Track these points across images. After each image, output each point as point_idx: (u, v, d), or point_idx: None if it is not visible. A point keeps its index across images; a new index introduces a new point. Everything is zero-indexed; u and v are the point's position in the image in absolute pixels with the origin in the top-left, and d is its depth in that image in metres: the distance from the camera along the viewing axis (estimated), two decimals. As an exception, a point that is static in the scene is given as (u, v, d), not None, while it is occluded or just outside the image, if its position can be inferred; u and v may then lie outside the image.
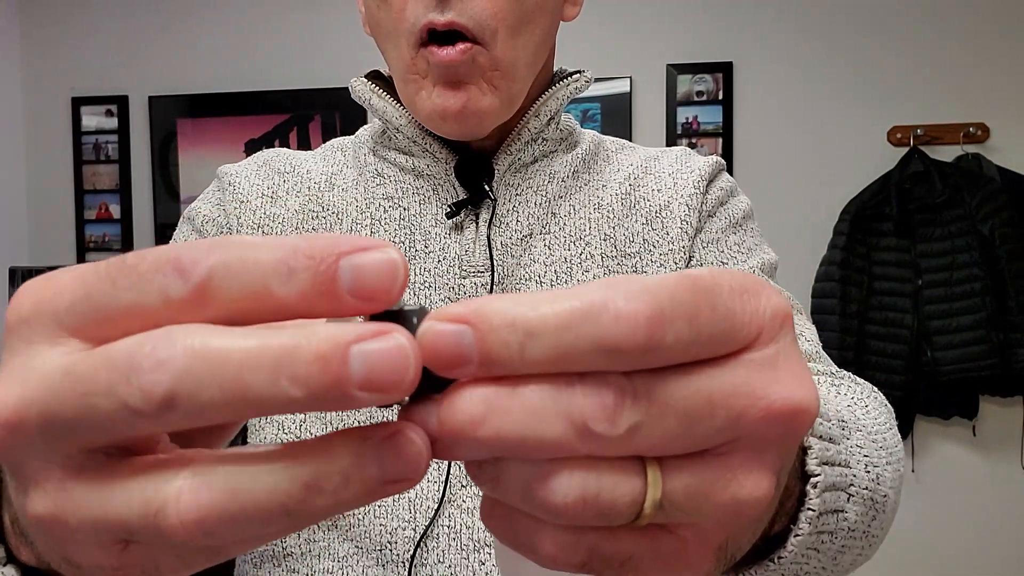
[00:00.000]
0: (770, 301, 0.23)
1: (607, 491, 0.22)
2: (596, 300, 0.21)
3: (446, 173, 0.68)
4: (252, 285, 0.20)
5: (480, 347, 0.21)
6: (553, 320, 0.21)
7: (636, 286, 0.21)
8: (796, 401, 0.23)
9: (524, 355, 0.21)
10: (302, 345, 0.20)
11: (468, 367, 0.21)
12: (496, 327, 0.21)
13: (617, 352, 0.21)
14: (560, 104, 0.70)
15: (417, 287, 0.66)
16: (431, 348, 0.21)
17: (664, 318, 0.21)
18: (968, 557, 2.50)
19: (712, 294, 0.22)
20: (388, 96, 0.70)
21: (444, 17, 0.59)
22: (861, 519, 0.41)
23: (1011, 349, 2.27)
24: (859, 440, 0.44)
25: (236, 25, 2.80)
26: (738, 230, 0.71)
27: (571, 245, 0.68)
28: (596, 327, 0.21)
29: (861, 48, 2.53)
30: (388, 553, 0.61)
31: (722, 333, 0.22)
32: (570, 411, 0.21)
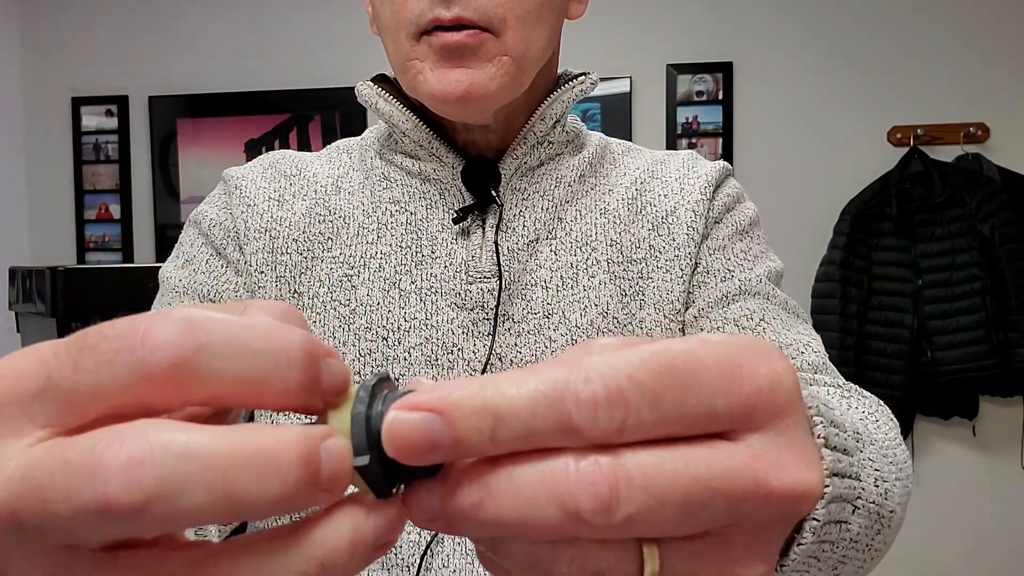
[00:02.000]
0: (769, 375, 0.22)
1: (607, 570, 0.22)
2: (559, 382, 0.21)
3: (452, 177, 0.68)
4: (245, 375, 0.20)
5: (451, 435, 0.21)
6: (520, 404, 0.21)
7: (599, 366, 0.21)
8: (799, 487, 0.23)
9: (495, 439, 0.21)
10: (291, 444, 0.19)
11: (437, 454, 0.21)
12: (466, 414, 0.21)
13: (582, 435, 0.21)
14: (566, 107, 0.70)
15: (424, 292, 0.65)
16: (400, 438, 0.21)
17: (625, 400, 0.21)
18: (968, 557, 2.50)
19: (684, 372, 0.21)
20: (394, 100, 0.69)
21: (450, 12, 0.59)
22: (865, 532, 0.41)
23: (1011, 349, 2.27)
24: (871, 454, 0.44)
25: (237, 25, 2.80)
26: (744, 237, 0.70)
27: (577, 251, 0.67)
28: (560, 411, 0.21)
29: (861, 48, 2.53)
30: (394, 558, 0.61)
31: (700, 415, 0.22)
32: (564, 500, 0.21)
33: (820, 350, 0.65)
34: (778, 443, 0.23)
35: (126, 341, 0.19)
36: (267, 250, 0.68)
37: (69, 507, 0.18)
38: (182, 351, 0.19)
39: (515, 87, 0.64)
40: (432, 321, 0.65)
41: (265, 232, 0.69)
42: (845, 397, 0.58)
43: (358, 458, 0.21)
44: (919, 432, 2.52)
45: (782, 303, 0.68)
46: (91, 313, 2.01)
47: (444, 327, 0.65)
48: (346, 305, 0.66)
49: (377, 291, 0.66)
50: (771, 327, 0.65)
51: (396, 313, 0.65)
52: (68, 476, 0.18)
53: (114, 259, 2.87)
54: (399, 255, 0.67)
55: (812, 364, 0.63)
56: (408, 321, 0.65)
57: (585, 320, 0.65)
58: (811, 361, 0.63)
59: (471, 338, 0.64)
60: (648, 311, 0.66)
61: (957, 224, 2.33)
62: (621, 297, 0.66)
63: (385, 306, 0.65)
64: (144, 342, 0.19)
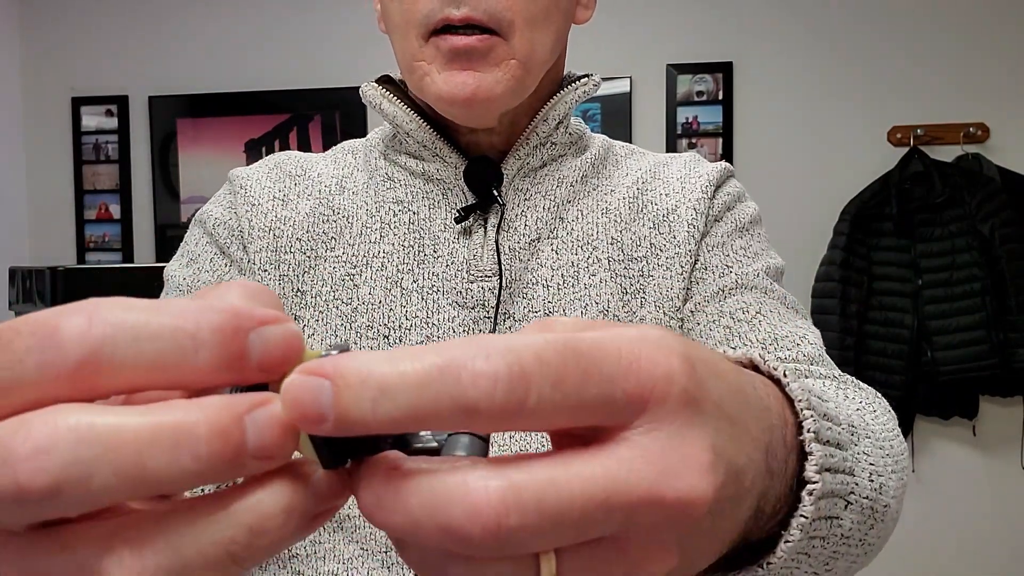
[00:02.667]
0: (665, 370, 0.22)
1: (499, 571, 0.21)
2: (456, 357, 0.20)
3: (455, 178, 0.68)
4: (152, 362, 0.20)
5: (337, 405, 0.20)
6: (411, 377, 0.20)
7: (499, 345, 0.20)
8: (691, 494, 0.22)
9: (376, 413, 0.20)
10: (200, 419, 0.19)
11: (326, 424, 0.20)
12: (351, 383, 0.20)
13: (475, 412, 0.20)
14: (569, 108, 0.70)
15: (425, 292, 0.66)
16: (291, 402, 0.20)
17: (527, 379, 0.20)
18: (968, 557, 2.50)
19: (587, 358, 0.21)
20: (398, 100, 0.70)
21: (460, 12, 0.60)
22: (858, 527, 0.41)
23: (1011, 349, 2.27)
24: (866, 447, 0.43)
25: (236, 25, 2.80)
26: (744, 235, 0.71)
27: (578, 249, 0.68)
28: (454, 386, 0.20)
29: (861, 48, 2.53)
30: (394, 555, 0.61)
31: (597, 402, 0.21)
32: (449, 524, 0.20)
33: (817, 342, 0.65)
34: (668, 445, 0.22)
35: (36, 339, 0.19)
36: (271, 249, 0.69)
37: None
38: (88, 345, 0.19)
39: (521, 91, 0.64)
40: (433, 320, 0.65)
41: (269, 231, 0.69)
42: (841, 388, 0.58)
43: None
44: (919, 432, 2.52)
45: (780, 298, 0.68)
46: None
47: (445, 325, 0.65)
48: (348, 304, 0.66)
49: (379, 290, 0.66)
50: (767, 320, 0.65)
51: (398, 312, 0.65)
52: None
53: (114, 259, 2.87)
54: (401, 254, 0.67)
55: (808, 355, 0.62)
56: (409, 320, 0.65)
57: (586, 318, 0.65)
58: (807, 353, 0.63)
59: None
60: (649, 308, 0.66)
61: (957, 224, 2.33)
62: (622, 295, 0.67)
63: (387, 304, 0.66)
64: (52, 339, 0.19)
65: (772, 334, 0.64)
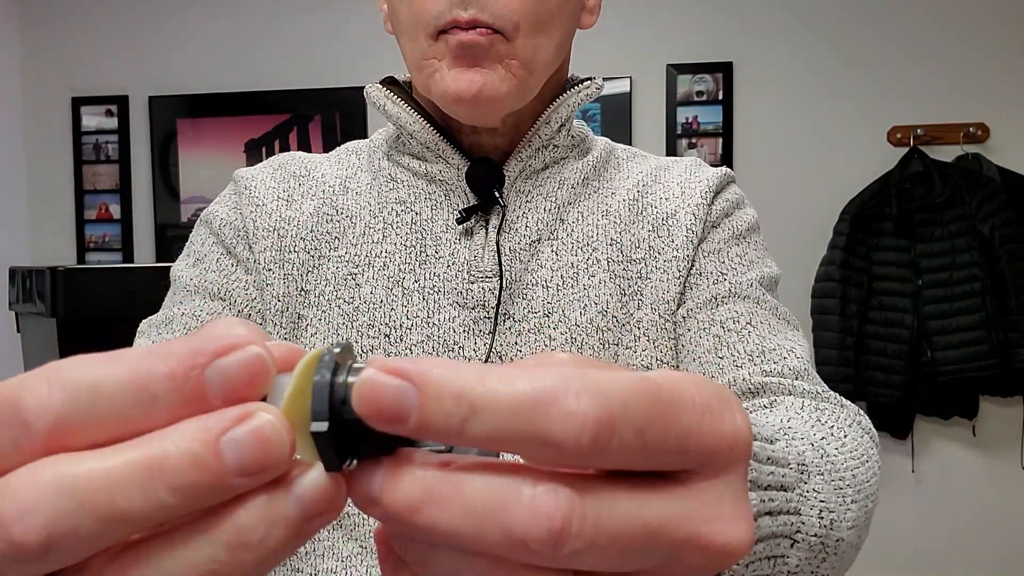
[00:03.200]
0: (731, 425, 0.23)
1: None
2: (547, 390, 0.20)
3: (458, 179, 0.69)
4: (110, 418, 0.20)
5: (420, 411, 0.20)
6: (502, 402, 0.20)
7: (591, 385, 0.20)
8: (733, 542, 0.23)
9: (463, 430, 0.20)
10: (170, 450, 0.19)
11: (403, 426, 0.20)
12: (441, 395, 0.20)
13: (558, 449, 0.20)
14: (571, 111, 0.71)
15: (427, 292, 0.67)
16: (370, 398, 0.20)
17: (613, 425, 0.20)
18: (968, 557, 2.50)
19: (670, 407, 0.21)
20: (402, 102, 0.71)
21: (467, 13, 0.61)
22: (807, 563, 0.41)
23: (1011, 349, 2.27)
24: (817, 484, 0.44)
25: (236, 25, 2.80)
26: (741, 242, 0.71)
27: (578, 251, 0.68)
28: (543, 420, 0.20)
29: (861, 48, 2.53)
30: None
31: (672, 451, 0.21)
32: (512, 526, 0.20)
33: (804, 356, 0.65)
34: (723, 494, 0.23)
35: (5, 414, 0.19)
36: (275, 248, 0.69)
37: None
38: (51, 416, 0.19)
39: (524, 91, 0.65)
40: (434, 319, 0.66)
41: (274, 231, 0.70)
42: (817, 410, 0.58)
43: (315, 423, 0.20)
44: (919, 432, 2.52)
45: (772, 308, 0.68)
46: (91, 313, 2.01)
47: (446, 325, 0.66)
48: (350, 303, 0.67)
49: (381, 289, 0.67)
50: (756, 331, 0.65)
51: (399, 311, 0.66)
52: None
53: (114, 259, 2.87)
54: (403, 254, 0.68)
55: (793, 369, 0.63)
56: (410, 319, 0.66)
57: (584, 319, 0.66)
58: (792, 366, 0.63)
59: (472, 336, 0.65)
60: (645, 311, 0.67)
61: (957, 224, 2.33)
62: (620, 296, 0.67)
63: (388, 304, 0.66)
64: (18, 416, 0.19)
65: (760, 346, 0.64)
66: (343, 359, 0.21)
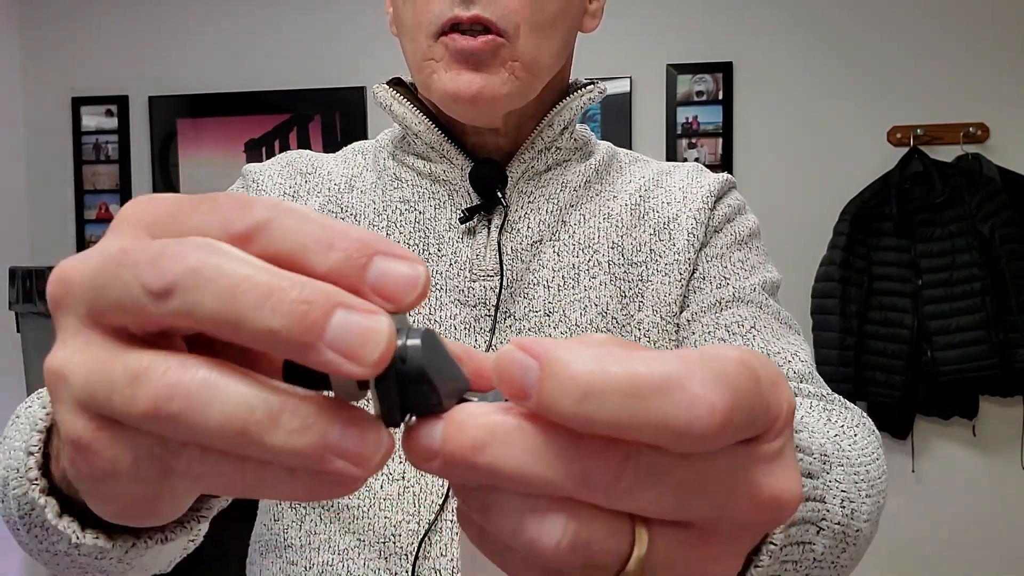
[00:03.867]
0: (788, 396, 0.24)
1: (597, 542, 0.22)
2: (671, 375, 0.21)
3: (461, 179, 0.70)
4: (294, 244, 0.23)
5: (539, 389, 0.21)
6: (620, 385, 0.21)
7: (712, 371, 0.21)
8: (784, 495, 0.24)
9: (578, 411, 0.21)
10: (295, 287, 0.21)
11: (529, 402, 0.21)
12: (559, 376, 0.21)
13: (683, 436, 0.21)
14: (574, 114, 0.72)
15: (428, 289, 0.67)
16: (503, 371, 0.22)
17: (734, 409, 0.21)
18: (968, 557, 2.50)
19: (760, 386, 0.23)
20: (408, 102, 0.72)
21: (469, 12, 0.62)
22: (830, 551, 0.42)
23: (1011, 349, 2.27)
24: (839, 475, 0.45)
25: (236, 25, 2.80)
26: (743, 247, 0.72)
27: (579, 252, 0.69)
28: (668, 406, 0.20)
29: (861, 48, 2.53)
30: (391, 546, 0.62)
31: (760, 425, 0.23)
32: (572, 462, 0.21)
33: (808, 360, 0.66)
34: (777, 455, 0.24)
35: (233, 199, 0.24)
36: None
37: (132, 278, 0.22)
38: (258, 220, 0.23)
39: (524, 93, 0.66)
40: (435, 316, 0.67)
41: None
42: (826, 410, 0.59)
43: (378, 377, 0.22)
44: (919, 432, 2.52)
45: (774, 313, 0.69)
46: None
47: (447, 322, 0.67)
48: None
49: None
50: (760, 335, 0.67)
51: None
52: (139, 256, 0.22)
53: (114, 259, 2.87)
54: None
55: (798, 373, 0.64)
56: (412, 316, 0.66)
57: (585, 319, 0.67)
58: (797, 370, 0.64)
59: (472, 334, 0.66)
60: (646, 312, 0.68)
61: (957, 224, 2.33)
62: (620, 298, 0.68)
63: None
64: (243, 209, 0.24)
65: (765, 350, 0.65)
66: (402, 322, 0.23)
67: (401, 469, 0.64)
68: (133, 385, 0.22)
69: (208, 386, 0.21)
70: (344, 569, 0.63)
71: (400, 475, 0.63)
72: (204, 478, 0.23)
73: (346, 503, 0.64)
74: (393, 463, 0.64)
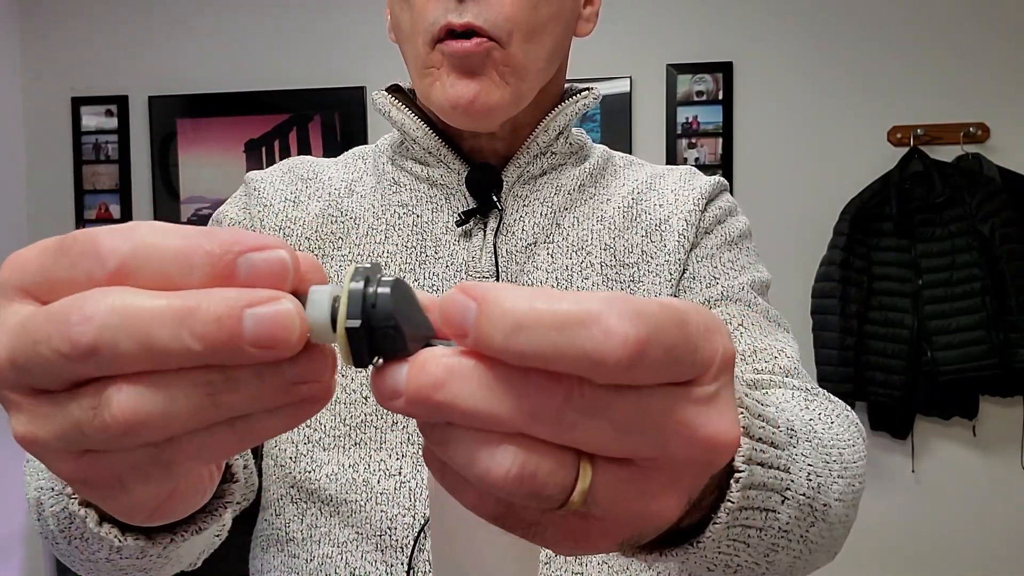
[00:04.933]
0: (724, 343, 0.26)
1: (543, 474, 0.24)
2: (591, 311, 0.23)
3: (458, 183, 0.72)
4: (159, 273, 0.24)
5: (476, 325, 0.23)
6: (546, 319, 0.22)
7: (629, 307, 0.23)
8: (720, 437, 0.26)
9: (508, 343, 0.23)
10: (202, 307, 0.23)
11: (467, 340, 0.23)
12: (493, 312, 0.23)
13: (598, 365, 0.23)
14: (569, 119, 0.73)
15: (426, 290, 0.69)
16: (446, 312, 0.24)
17: (649, 343, 0.23)
18: (968, 557, 2.50)
19: (687, 328, 0.24)
20: (406, 108, 0.74)
21: (462, 19, 0.63)
22: (796, 523, 0.44)
23: (1011, 349, 2.27)
24: (805, 449, 0.46)
25: (236, 25, 2.80)
26: (733, 248, 0.74)
27: (573, 254, 0.71)
28: (585, 337, 0.22)
29: (861, 48, 2.53)
30: (388, 539, 0.64)
31: (686, 365, 0.25)
32: (519, 397, 0.23)
33: (794, 356, 0.68)
34: (712, 399, 0.26)
35: (84, 249, 0.24)
36: None
37: (48, 348, 0.23)
38: (117, 259, 0.24)
39: (517, 98, 0.67)
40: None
41: (279, 230, 0.73)
42: (806, 399, 0.61)
43: (349, 321, 0.24)
44: (919, 432, 2.52)
45: (763, 311, 0.71)
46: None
47: None
48: None
49: None
50: (748, 332, 0.68)
51: None
52: (48, 325, 0.23)
53: (114, 259, 2.87)
54: (404, 254, 0.70)
55: (784, 368, 0.66)
56: None
57: None
58: (783, 365, 0.66)
59: None
60: None
61: (957, 224, 2.33)
62: None
63: None
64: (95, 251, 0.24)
65: (752, 346, 0.67)
66: (374, 273, 0.25)
67: (397, 465, 0.65)
68: (98, 412, 0.24)
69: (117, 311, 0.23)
70: (343, 562, 0.65)
71: (396, 471, 0.65)
72: (203, 450, 0.25)
73: (344, 498, 0.65)
74: (390, 459, 0.65)
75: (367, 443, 0.66)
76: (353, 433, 0.66)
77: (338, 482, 0.65)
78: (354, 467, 0.65)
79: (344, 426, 0.66)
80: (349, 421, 0.66)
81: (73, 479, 0.26)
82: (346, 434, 0.66)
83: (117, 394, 0.23)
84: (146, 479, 0.26)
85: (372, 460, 0.65)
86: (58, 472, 0.26)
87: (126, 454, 0.25)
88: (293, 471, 0.68)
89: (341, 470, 0.65)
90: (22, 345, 0.24)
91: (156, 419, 0.23)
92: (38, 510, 0.46)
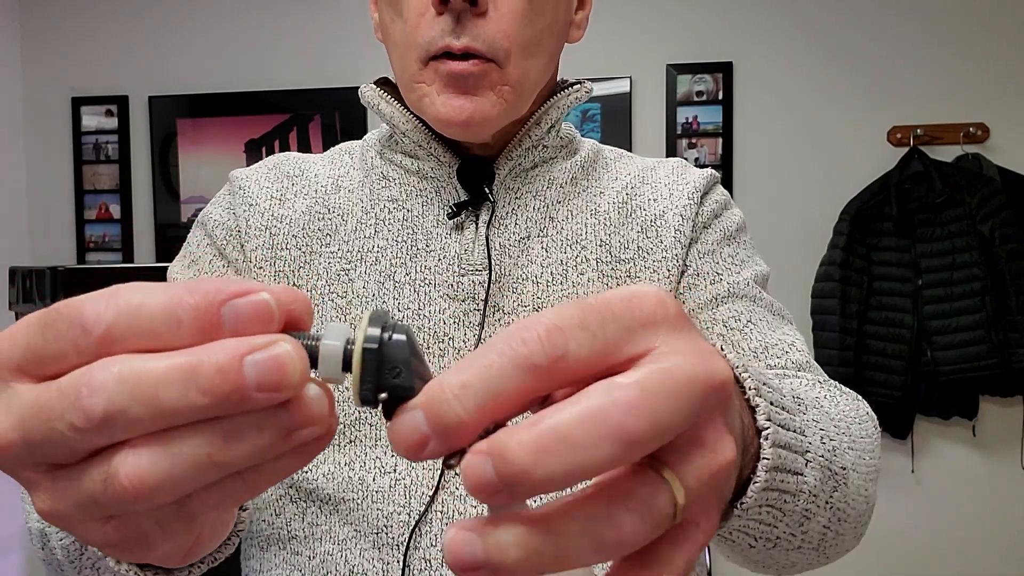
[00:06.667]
0: (655, 295, 0.27)
1: (645, 497, 0.25)
2: (500, 339, 0.24)
3: (449, 176, 0.71)
4: (147, 333, 0.24)
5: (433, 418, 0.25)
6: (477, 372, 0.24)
7: (530, 319, 0.25)
8: (722, 375, 0.26)
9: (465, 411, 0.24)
10: (203, 361, 0.23)
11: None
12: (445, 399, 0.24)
13: (534, 368, 0.24)
14: (561, 113, 0.73)
15: (418, 284, 0.68)
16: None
17: (561, 330, 0.24)
18: (968, 557, 2.50)
19: (598, 306, 0.25)
20: (395, 102, 0.73)
21: (460, 42, 0.62)
22: (822, 486, 0.45)
23: (1011, 349, 2.27)
24: (815, 416, 0.47)
25: (236, 25, 2.80)
26: (732, 242, 0.74)
27: (567, 248, 0.70)
28: (511, 355, 0.24)
29: (861, 48, 2.53)
30: (384, 536, 0.64)
31: (617, 335, 0.25)
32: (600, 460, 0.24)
33: (804, 349, 0.69)
34: (691, 342, 0.26)
35: (69, 321, 0.25)
36: (267, 247, 0.71)
37: (63, 423, 0.24)
38: (102, 326, 0.24)
39: (513, 112, 0.67)
40: (425, 311, 0.68)
41: (266, 229, 0.72)
42: (818, 384, 0.63)
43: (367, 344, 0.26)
44: (919, 432, 2.52)
45: (768, 305, 0.72)
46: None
47: (436, 317, 0.67)
48: (343, 297, 0.69)
49: (373, 283, 0.68)
50: (758, 328, 0.69)
51: (390, 304, 0.68)
52: (60, 401, 0.24)
53: (114, 259, 2.87)
54: (395, 249, 0.70)
55: (796, 363, 0.67)
56: (402, 311, 0.68)
57: None
58: (795, 360, 0.67)
59: (461, 327, 0.67)
60: None
61: (957, 224, 2.33)
62: None
63: (380, 297, 0.68)
64: (79, 321, 0.24)
65: (763, 342, 0.68)
66: (385, 318, 0.27)
67: (393, 462, 0.65)
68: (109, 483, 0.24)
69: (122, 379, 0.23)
70: (343, 559, 0.65)
71: (391, 468, 0.65)
72: (221, 502, 0.26)
73: (342, 496, 0.65)
74: (385, 457, 0.65)
75: (362, 440, 0.65)
76: (348, 431, 0.66)
77: (335, 481, 0.65)
78: (350, 465, 0.65)
79: (339, 424, 0.66)
80: (344, 419, 0.66)
81: (102, 544, 0.27)
82: (341, 432, 0.66)
83: (124, 462, 0.24)
84: (171, 535, 0.27)
85: (368, 458, 0.65)
86: (87, 540, 0.27)
87: (148, 514, 0.26)
88: None
89: (337, 468, 0.65)
90: (36, 424, 0.24)
91: (165, 482, 0.24)
92: (42, 540, 0.47)
